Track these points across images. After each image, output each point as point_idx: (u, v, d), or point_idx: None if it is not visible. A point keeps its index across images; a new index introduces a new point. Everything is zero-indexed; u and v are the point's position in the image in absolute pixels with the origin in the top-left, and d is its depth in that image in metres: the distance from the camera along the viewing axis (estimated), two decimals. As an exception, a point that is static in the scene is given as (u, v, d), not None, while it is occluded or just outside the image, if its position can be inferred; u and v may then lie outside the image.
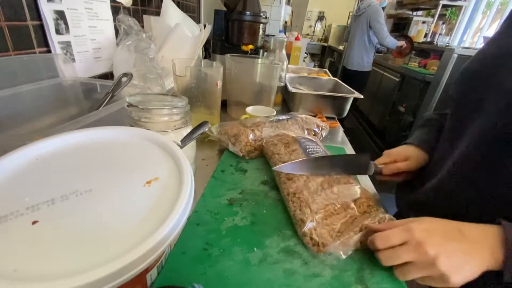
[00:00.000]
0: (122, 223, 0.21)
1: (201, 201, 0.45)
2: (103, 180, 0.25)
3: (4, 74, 0.48)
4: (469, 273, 0.29)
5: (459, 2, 2.60)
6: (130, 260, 0.18)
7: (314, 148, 0.52)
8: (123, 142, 0.32)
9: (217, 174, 0.53)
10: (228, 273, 0.33)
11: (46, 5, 0.55)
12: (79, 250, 0.19)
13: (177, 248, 0.35)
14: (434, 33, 2.85)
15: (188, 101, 0.45)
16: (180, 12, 1.01)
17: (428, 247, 0.30)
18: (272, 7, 1.86)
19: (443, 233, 0.31)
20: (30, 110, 0.50)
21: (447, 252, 0.29)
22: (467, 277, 0.29)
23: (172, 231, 0.21)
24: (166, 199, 0.24)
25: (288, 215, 0.43)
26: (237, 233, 0.39)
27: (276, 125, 0.66)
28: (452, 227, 0.32)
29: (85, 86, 0.59)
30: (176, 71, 0.63)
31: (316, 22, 5.16)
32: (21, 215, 0.21)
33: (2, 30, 0.48)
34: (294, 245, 0.38)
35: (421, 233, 0.31)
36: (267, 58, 0.91)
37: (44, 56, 0.57)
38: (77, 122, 0.37)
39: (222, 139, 0.60)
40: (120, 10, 0.81)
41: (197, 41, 0.86)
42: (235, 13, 0.85)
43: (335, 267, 0.35)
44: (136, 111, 0.40)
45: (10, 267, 0.17)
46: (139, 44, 0.72)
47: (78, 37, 0.66)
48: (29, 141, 0.28)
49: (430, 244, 0.30)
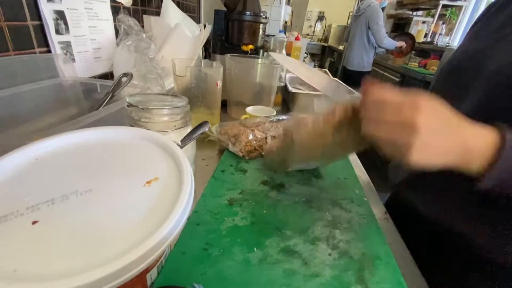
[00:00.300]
0: (122, 223, 0.21)
1: (201, 201, 0.45)
2: (103, 180, 0.25)
3: (4, 74, 0.48)
4: (434, 156, 0.25)
5: (459, 2, 2.60)
6: (130, 260, 0.18)
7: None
8: (123, 142, 0.32)
9: (217, 174, 0.53)
10: (228, 273, 0.33)
11: (46, 5, 0.55)
12: (79, 250, 0.19)
13: (177, 248, 0.35)
14: (434, 33, 2.86)
15: (188, 101, 0.45)
16: (180, 12, 1.01)
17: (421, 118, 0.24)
18: (272, 7, 1.86)
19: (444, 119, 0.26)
20: (30, 110, 0.50)
21: (433, 129, 0.25)
22: (430, 158, 0.25)
23: (172, 231, 0.21)
24: (166, 199, 0.24)
25: (288, 215, 0.43)
26: (237, 233, 0.39)
27: (276, 125, 0.66)
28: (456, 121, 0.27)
29: (85, 86, 0.59)
30: (176, 71, 0.63)
31: (316, 22, 5.16)
32: (21, 215, 0.21)
33: (2, 30, 0.48)
34: (294, 245, 0.38)
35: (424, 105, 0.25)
36: (267, 58, 0.91)
37: (44, 56, 0.57)
38: (77, 122, 0.37)
39: (222, 139, 0.60)
40: (120, 10, 0.81)
41: (197, 41, 0.86)
42: (235, 13, 0.85)
43: (335, 267, 0.35)
44: (136, 111, 0.40)
45: (10, 267, 0.17)
46: (139, 44, 0.72)
47: (78, 37, 0.66)
48: (29, 141, 0.28)
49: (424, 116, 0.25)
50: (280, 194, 0.49)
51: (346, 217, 0.45)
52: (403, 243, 0.43)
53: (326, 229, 0.42)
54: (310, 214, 0.45)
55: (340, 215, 0.45)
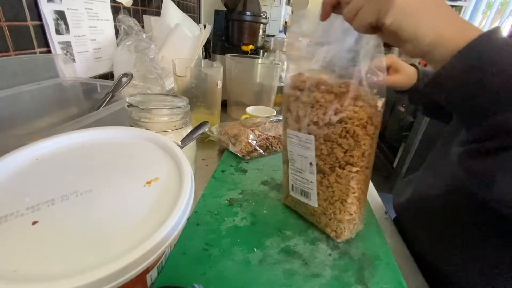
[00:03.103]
0: (122, 223, 0.21)
1: (201, 202, 0.45)
2: (103, 180, 0.25)
3: (4, 74, 0.48)
4: (426, 21, 0.24)
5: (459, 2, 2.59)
6: (130, 260, 0.18)
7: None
8: (123, 142, 0.32)
9: (217, 174, 0.53)
10: (228, 274, 0.33)
11: (46, 5, 0.55)
12: (79, 250, 0.19)
13: (177, 248, 0.35)
14: (434, 33, 2.85)
15: (188, 101, 0.45)
16: (180, 12, 1.01)
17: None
18: (272, 7, 1.86)
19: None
20: (30, 110, 0.50)
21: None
22: (419, 25, 0.24)
23: (172, 232, 0.21)
24: (166, 199, 0.24)
25: (288, 216, 0.43)
26: (237, 234, 0.39)
27: (276, 125, 0.66)
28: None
29: (85, 86, 0.59)
30: (176, 71, 0.63)
31: (316, 22, 5.16)
32: (21, 215, 0.21)
33: (2, 30, 0.48)
34: (294, 246, 0.38)
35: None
36: (267, 58, 0.91)
37: (44, 56, 0.57)
38: (77, 122, 0.37)
39: (222, 139, 0.60)
40: (120, 10, 0.81)
41: (197, 41, 0.86)
42: (235, 13, 0.85)
43: (335, 267, 0.35)
44: (136, 111, 0.40)
45: (10, 267, 0.17)
46: (139, 44, 0.72)
47: (78, 37, 0.66)
48: (29, 141, 0.28)
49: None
50: (280, 194, 0.49)
51: (346, 217, 0.45)
52: (403, 243, 0.43)
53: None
54: (310, 214, 0.45)
55: (340, 215, 0.45)
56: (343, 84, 0.32)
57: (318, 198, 0.38)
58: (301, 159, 0.37)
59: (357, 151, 0.33)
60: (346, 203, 0.36)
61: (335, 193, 0.36)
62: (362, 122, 0.32)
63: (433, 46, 0.25)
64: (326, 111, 0.32)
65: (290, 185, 0.41)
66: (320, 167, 0.36)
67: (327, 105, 0.32)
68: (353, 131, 0.32)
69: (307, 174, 0.37)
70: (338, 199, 0.36)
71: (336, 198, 0.36)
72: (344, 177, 0.35)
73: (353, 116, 0.32)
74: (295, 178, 0.39)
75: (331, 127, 0.33)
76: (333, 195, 0.36)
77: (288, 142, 0.38)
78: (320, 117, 0.33)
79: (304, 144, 0.36)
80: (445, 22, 0.25)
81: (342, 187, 0.35)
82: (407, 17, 0.24)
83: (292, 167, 0.39)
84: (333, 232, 0.39)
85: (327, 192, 0.37)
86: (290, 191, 0.42)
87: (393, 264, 0.37)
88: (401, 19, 0.24)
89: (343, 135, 0.33)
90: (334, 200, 0.37)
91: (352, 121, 0.32)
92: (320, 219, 0.40)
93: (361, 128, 0.32)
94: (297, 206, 0.43)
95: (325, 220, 0.39)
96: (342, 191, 0.36)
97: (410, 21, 0.24)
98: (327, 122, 0.33)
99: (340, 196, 0.36)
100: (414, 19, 0.24)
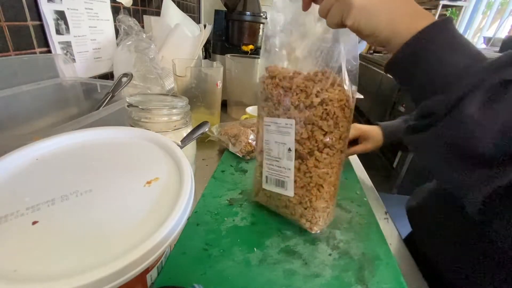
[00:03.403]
0: (122, 223, 0.21)
1: (201, 202, 0.45)
2: (103, 180, 0.25)
3: (4, 74, 0.48)
4: (384, 15, 0.28)
5: (459, 2, 2.60)
6: (130, 260, 0.18)
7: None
8: (123, 142, 0.32)
9: (217, 174, 0.53)
10: (228, 274, 0.33)
11: (46, 5, 0.55)
12: (79, 250, 0.19)
13: (177, 248, 0.35)
14: (434, 33, 2.85)
15: (188, 101, 0.45)
16: (180, 12, 1.01)
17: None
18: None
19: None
20: (30, 110, 0.50)
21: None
22: (378, 20, 0.28)
23: (172, 232, 0.21)
24: (166, 199, 0.24)
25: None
26: (237, 234, 0.39)
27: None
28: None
29: (85, 86, 0.59)
30: (176, 71, 0.63)
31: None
32: (21, 215, 0.21)
33: (2, 30, 0.48)
34: (294, 246, 0.38)
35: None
36: (267, 58, 0.91)
37: (44, 56, 0.57)
38: (77, 122, 0.37)
39: (222, 140, 0.60)
40: (120, 10, 0.81)
41: (197, 41, 0.87)
42: (235, 13, 0.85)
43: (335, 267, 0.35)
44: (136, 111, 0.40)
45: (10, 267, 0.17)
46: (139, 44, 0.72)
47: (78, 37, 0.66)
48: (29, 141, 0.28)
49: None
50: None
51: (346, 217, 0.45)
52: (403, 243, 0.43)
53: (326, 229, 0.42)
54: (310, 214, 0.45)
55: (340, 215, 0.45)
56: (320, 72, 0.34)
57: (295, 186, 0.38)
58: (278, 147, 0.38)
59: (336, 133, 0.35)
60: (322, 189, 0.37)
61: (312, 179, 0.37)
62: (341, 104, 0.34)
63: (388, 39, 0.28)
64: (307, 95, 0.34)
65: (264, 177, 0.41)
66: (299, 152, 0.36)
67: (308, 90, 0.34)
68: (333, 113, 0.34)
69: (284, 161, 0.38)
70: (315, 185, 0.37)
71: (313, 185, 0.37)
72: (323, 161, 0.36)
73: (334, 98, 0.33)
74: (270, 168, 0.40)
75: (312, 109, 0.34)
76: (310, 181, 0.37)
77: (265, 131, 0.39)
78: (302, 100, 0.34)
79: (283, 129, 0.37)
80: (399, 18, 0.28)
81: (319, 172, 0.36)
82: (365, 18, 0.28)
83: (268, 157, 0.40)
84: (308, 222, 0.39)
85: (304, 179, 0.37)
86: (264, 184, 0.41)
87: (393, 264, 0.37)
88: (359, 19, 0.28)
89: (323, 117, 0.34)
90: (311, 186, 0.37)
91: (332, 102, 0.34)
92: (295, 210, 0.40)
93: (340, 110, 0.34)
94: (269, 200, 0.43)
95: (300, 210, 0.39)
96: (319, 176, 0.37)
97: (368, 21, 0.28)
98: (308, 104, 0.34)
99: (317, 182, 0.37)
100: (371, 19, 0.28)
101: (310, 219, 0.39)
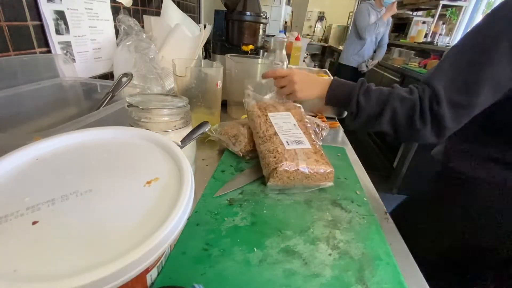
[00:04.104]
0: (122, 223, 0.21)
1: (201, 201, 0.45)
2: (103, 180, 0.25)
3: (4, 74, 0.48)
4: (309, 93, 0.59)
5: (459, 2, 2.60)
6: (130, 260, 0.18)
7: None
8: (123, 142, 0.32)
9: (217, 174, 0.53)
10: (228, 274, 0.33)
11: (46, 5, 0.55)
12: (79, 250, 0.19)
13: (177, 248, 0.35)
14: (434, 33, 2.85)
15: (188, 101, 0.45)
16: (180, 12, 1.01)
17: (295, 82, 0.59)
18: (272, 7, 1.87)
19: (306, 81, 0.60)
20: (30, 110, 0.50)
21: (302, 83, 0.59)
22: (307, 96, 0.59)
23: (172, 232, 0.21)
24: (166, 199, 0.24)
25: (289, 216, 0.43)
26: (237, 234, 0.39)
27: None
28: (311, 78, 0.60)
29: (85, 86, 0.59)
30: (176, 71, 0.63)
31: (316, 22, 5.16)
32: (21, 215, 0.21)
33: (2, 30, 0.48)
34: (294, 245, 0.38)
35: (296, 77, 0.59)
36: (267, 58, 0.91)
37: (44, 56, 0.57)
38: (77, 122, 0.37)
39: (222, 139, 0.60)
40: (120, 10, 0.81)
41: (197, 41, 0.87)
42: (235, 13, 0.85)
43: (335, 267, 0.35)
44: (136, 111, 0.40)
45: (10, 267, 0.17)
46: (139, 44, 0.72)
47: (78, 37, 0.66)
48: (29, 141, 0.28)
49: (296, 81, 0.59)
50: (280, 194, 0.49)
51: (346, 217, 0.45)
52: (403, 243, 0.43)
53: (326, 229, 0.42)
54: (310, 214, 0.45)
55: (340, 215, 0.45)
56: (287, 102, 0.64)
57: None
58: (286, 124, 0.57)
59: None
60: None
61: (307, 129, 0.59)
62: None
63: (318, 97, 0.59)
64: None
65: (285, 142, 0.52)
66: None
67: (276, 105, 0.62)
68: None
69: (294, 130, 0.56)
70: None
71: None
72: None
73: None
74: (287, 135, 0.54)
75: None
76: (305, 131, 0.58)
77: (272, 119, 0.58)
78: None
79: (285, 117, 0.59)
80: (317, 89, 0.58)
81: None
82: (302, 93, 0.59)
83: (281, 130, 0.55)
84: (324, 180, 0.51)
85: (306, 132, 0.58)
86: (286, 146, 0.51)
87: (393, 264, 0.37)
88: (299, 94, 0.60)
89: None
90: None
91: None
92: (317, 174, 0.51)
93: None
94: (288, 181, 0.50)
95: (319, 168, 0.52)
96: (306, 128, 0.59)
97: (304, 94, 0.60)
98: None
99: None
100: (305, 93, 0.59)
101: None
